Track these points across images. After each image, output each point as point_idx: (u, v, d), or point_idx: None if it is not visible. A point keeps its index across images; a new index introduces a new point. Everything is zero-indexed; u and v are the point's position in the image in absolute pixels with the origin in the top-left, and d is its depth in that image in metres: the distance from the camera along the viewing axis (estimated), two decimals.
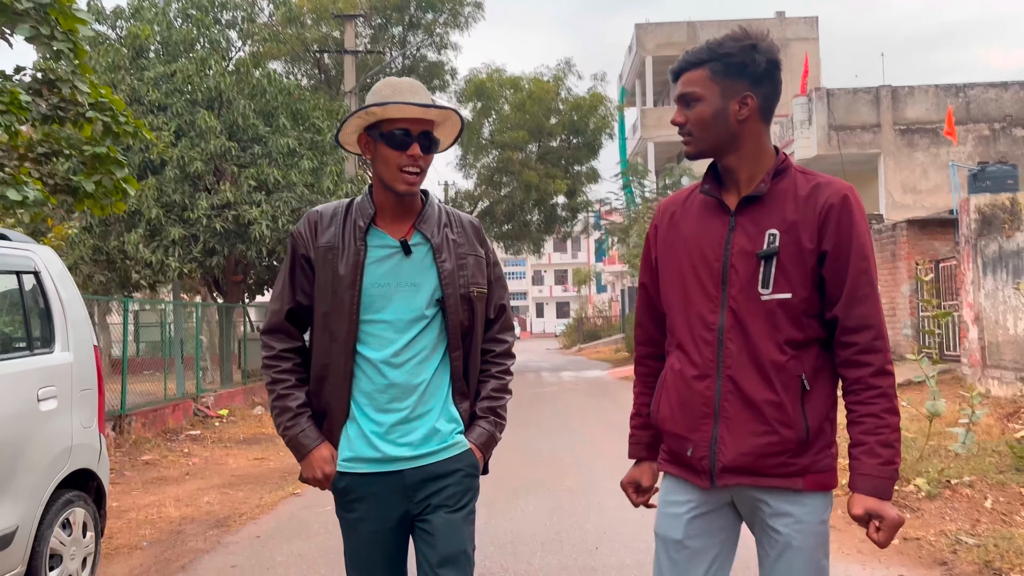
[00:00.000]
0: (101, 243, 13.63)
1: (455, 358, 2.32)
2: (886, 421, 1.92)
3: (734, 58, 1.99)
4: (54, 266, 4.52)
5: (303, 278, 2.31)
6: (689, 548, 2.10)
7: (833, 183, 2.03)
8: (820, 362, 2.00)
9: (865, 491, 1.93)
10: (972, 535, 4.87)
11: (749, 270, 1.99)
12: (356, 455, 2.26)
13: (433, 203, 2.40)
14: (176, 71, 13.87)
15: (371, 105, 2.24)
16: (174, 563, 5.15)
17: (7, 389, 3.92)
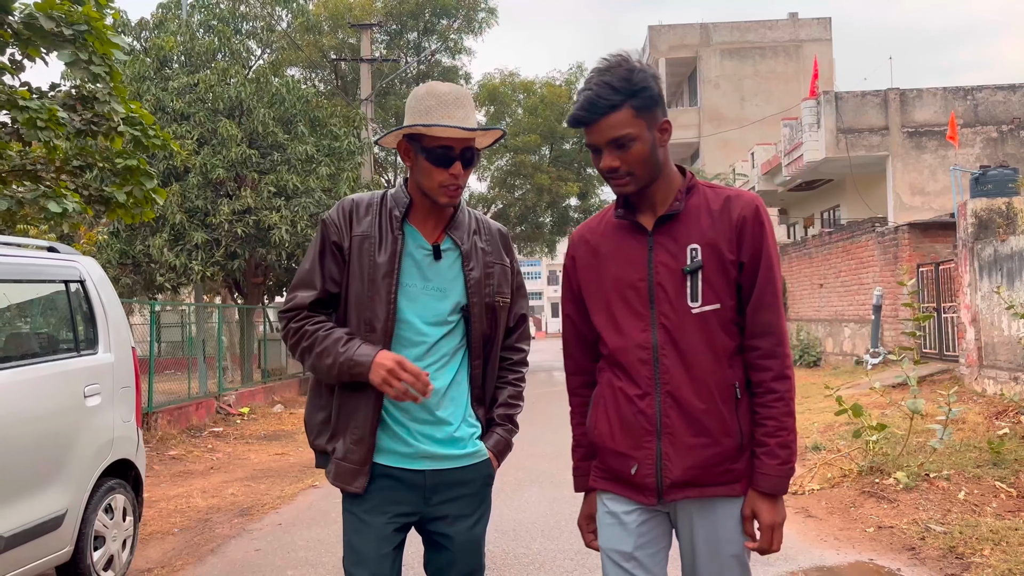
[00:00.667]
0: (127, 247, 14.15)
1: (475, 366, 2.33)
2: (784, 424, 2.01)
3: (648, 91, 1.99)
4: (96, 274, 4.98)
5: (333, 265, 2.27)
6: (638, 560, 2.11)
7: (743, 195, 2.08)
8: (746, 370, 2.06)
9: (764, 488, 2.01)
10: (942, 524, 5.23)
11: (676, 286, 2.03)
12: (384, 448, 2.26)
13: (464, 209, 2.40)
14: (199, 81, 14.36)
15: (418, 124, 2.21)
16: (203, 547, 5.59)
17: (58, 387, 4.37)
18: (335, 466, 2.26)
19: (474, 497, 2.31)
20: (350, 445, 2.24)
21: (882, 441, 6.75)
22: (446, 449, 2.26)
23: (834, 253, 16.94)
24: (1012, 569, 4.36)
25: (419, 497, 2.25)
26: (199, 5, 16.15)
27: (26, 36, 6.17)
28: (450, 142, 2.21)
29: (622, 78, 1.97)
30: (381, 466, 2.24)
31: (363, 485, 2.23)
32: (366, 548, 2.22)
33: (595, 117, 1.98)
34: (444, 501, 2.27)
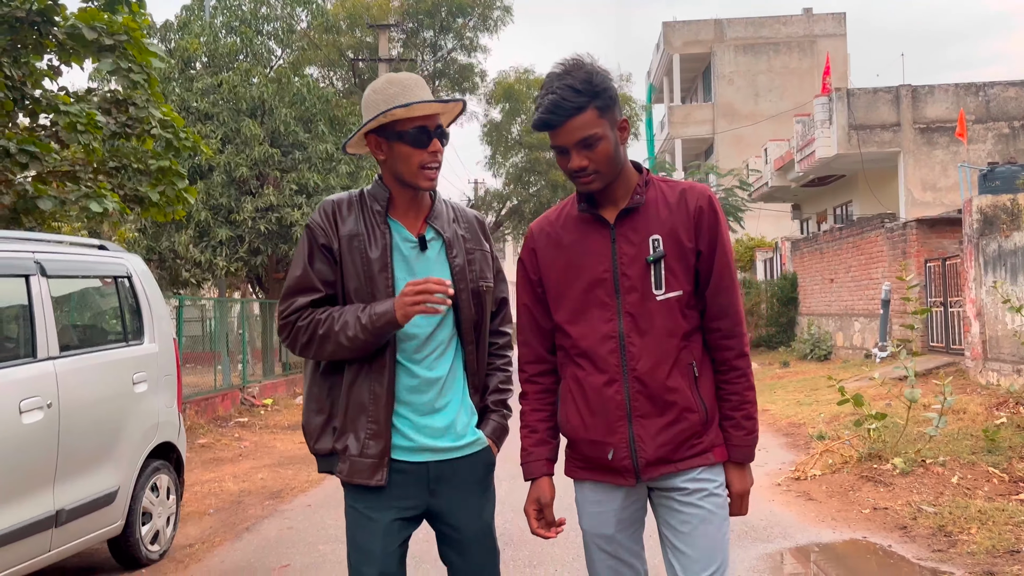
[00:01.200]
0: (154, 243, 14.59)
1: (468, 352, 2.37)
2: (746, 398, 2.18)
3: (609, 92, 2.09)
4: (141, 270, 5.35)
5: (324, 267, 2.28)
6: (619, 541, 2.21)
7: (695, 187, 2.20)
8: (703, 348, 2.20)
9: (735, 458, 2.17)
10: (933, 505, 5.53)
11: (640, 275, 2.13)
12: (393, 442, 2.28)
13: (440, 198, 2.44)
14: (222, 82, 14.77)
15: (395, 107, 2.22)
16: (239, 526, 5.98)
17: (111, 374, 4.75)
18: (350, 463, 2.24)
19: (477, 485, 2.34)
20: (366, 440, 2.24)
21: (882, 429, 7.04)
22: (445, 441, 2.30)
23: (844, 248, 17.17)
24: (996, 545, 4.66)
25: (424, 490, 2.28)
26: (221, 7, 16.56)
27: (70, 46, 6.56)
28: (424, 121, 2.25)
29: (583, 80, 2.05)
30: (393, 460, 2.26)
31: (384, 478, 2.23)
32: (373, 545, 2.22)
33: (561, 119, 2.05)
34: (449, 492, 2.30)
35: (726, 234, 2.18)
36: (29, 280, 4.18)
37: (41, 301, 4.21)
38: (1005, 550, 4.59)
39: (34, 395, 4.00)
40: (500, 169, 28.46)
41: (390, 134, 2.26)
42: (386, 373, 2.25)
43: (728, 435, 2.16)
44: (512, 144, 27.38)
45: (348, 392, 2.27)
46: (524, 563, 4.71)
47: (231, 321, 15.56)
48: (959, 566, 4.45)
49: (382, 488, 2.23)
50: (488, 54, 45.62)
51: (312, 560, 4.99)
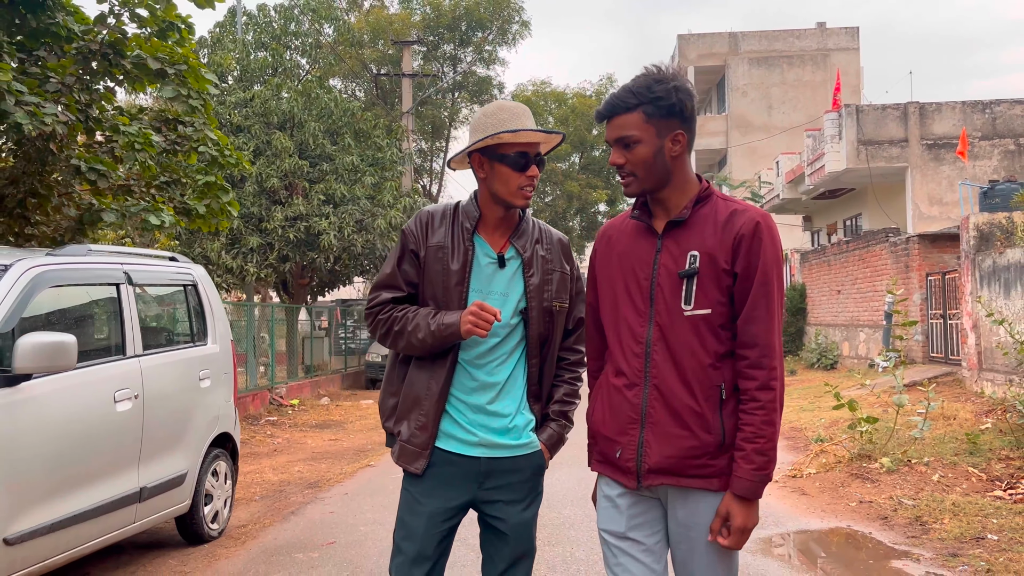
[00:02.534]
0: (187, 250, 15.29)
1: (532, 364, 2.52)
2: (762, 432, 2.08)
3: (664, 100, 2.12)
4: (205, 279, 6.01)
5: (410, 268, 2.50)
6: (631, 539, 2.23)
7: (748, 211, 2.15)
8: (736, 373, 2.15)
9: (737, 491, 2.09)
10: (913, 499, 6.11)
11: (673, 288, 2.15)
12: (445, 432, 2.47)
13: (528, 218, 2.59)
14: (254, 96, 15.49)
15: (503, 131, 2.40)
16: (284, 510, 6.62)
17: (182, 371, 5.41)
18: (399, 447, 2.49)
19: (525, 484, 2.50)
20: (414, 430, 2.46)
21: (873, 432, 7.61)
22: (502, 438, 2.46)
23: (850, 261, 17.71)
24: (964, 533, 5.24)
25: (473, 483, 2.46)
26: (253, 24, 17.30)
27: (135, 74, 7.24)
28: (527, 147, 2.43)
29: (643, 85, 2.14)
30: (441, 451, 2.46)
31: (422, 467, 2.44)
32: (416, 525, 2.43)
33: (608, 114, 2.18)
34: (497, 487, 2.47)
35: (770, 264, 2.13)
36: (120, 288, 4.84)
37: (129, 306, 4.87)
38: (971, 537, 5.17)
39: (125, 387, 4.65)
40: None
41: (493, 155, 2.44)
42: (444, 372, 2.45)
43: (737, 466, 2.10)
44: None
45: (409, 383, 2.50)
46: (543, 543, 5.30)
47: (256, 325, 16.24)
48: (928, 549, 5.03)
49: (430, 475, 2.44)
50: (506, 67, 46.20)
51: (354, 539, 5.61)
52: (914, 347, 14.44)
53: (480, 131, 2.47)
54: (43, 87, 6.23)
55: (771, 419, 2.09)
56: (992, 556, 4.77)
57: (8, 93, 5.57)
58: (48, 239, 7.27)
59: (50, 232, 7.44)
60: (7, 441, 3.73)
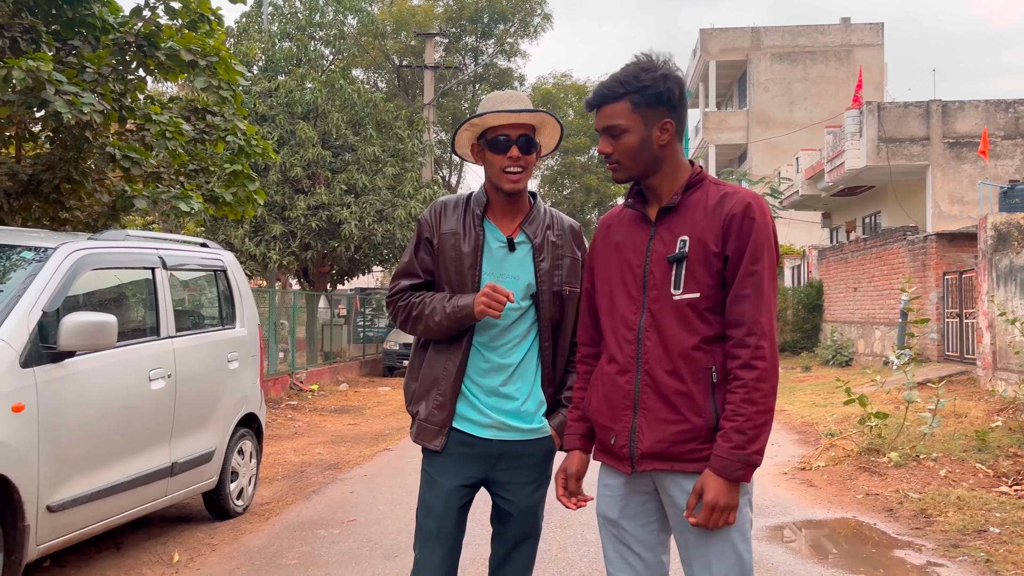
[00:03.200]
0: (212, 236, 15.57)
1: (544, 348, 2.59)
2: (741, 410, 2.06)
3: (651, 89, 2.14)
4: (234, 264, 6.23)
5: (427, 256, 2.61)
6: (624, 528, 2.26)
7: (739, 192, 2.17)
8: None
9: (712, 467, 2.08)
10: (919, 493, 6.24)
11: (664, 273, 2.17)
12: (461, 415, 2.57)
13: (539, 206, 2.65)
14: (278, 86, 15.72)
15: (472, 117, 2.55)
16: (306, 489, 6.84)
17: (212, 353, 5.62)
18: (418, 426, 2.60)
19: (534, 468, 2.59)
20: (432, 409, 2.57)
21: (883, 428, 7.72)
22: (514, 421, 2.55)
23: (868, 259, 17.75)
24: (966, 526, 5.38)
25: (486, 463, 2.56)
26: (278, 14, 17.52)
27: (168, 66, 7.46)
28: (506, 129, 2.51)
29: (630, 74, 2.15)
30: (457, 431, 2.56)
31: (441, 444, 2.55)
32: (436, 503, 2.55)
33: (596, 103, 2.21)
34: (507, 468, 2.57)
35: (761, 243, 2.13)
36: (155, 272, 5.06)
37: (163, 289, 5.09)
38: (974, 529, 5.30)
39: (159, 367, 4.87)
40: (535, 171, 29.30)
41: (483, 141, 2.57)
42: (460, 354, 2.55)
43: (716, 444, 2.10)
44: None
45: (428, 366, 2.61)
46: (555, 525, 5.48)
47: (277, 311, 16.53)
48: (931, 540, 5.18)
49: (447, 454, 2.55)
50: (527, 59, 46.26)
51: (374, 517, 5.82)
52: (929, 346, 14.48)
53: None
54: (80, 77, 6.45)
55: (751, 398, 2.06)
56: (992, 548, 4.91)
57: (48, 83, 5.78)
58: (82, 224, 7.51)
59: (83, 217, 7.69)
60: (52, 414, 3.96)
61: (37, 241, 4.45)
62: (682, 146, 2.24)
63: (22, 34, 6.59)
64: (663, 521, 2.26)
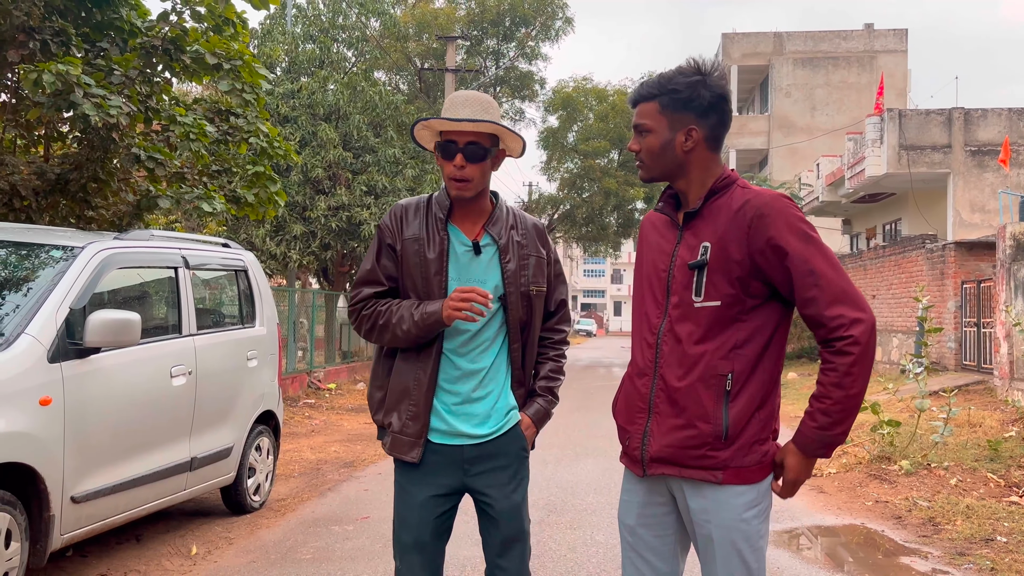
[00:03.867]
0: (233, 236, 15.78)
1: (514, 349, 2.57)
2: (830, 393, 2.04)
3: (680, 93, 2.14)
4: (254, 264, 6.36)
5: (389, 263, 2.55)
6: (640, 536, 2.26)
7: (761, 195, 2.13)
8: (756, 363, 2.13)
9: (797, 445, 2.11)
10: (928, 501, 6.26)
11: (686, 279, 2.16)
12: (432, 425, 2.53)
13: (502, 206, 2.61)
14: (301, 88, 15.91)
15: (426, 118, 2.52)
16: (322, 486, 6.97)
17: (232, 350, 5.76)
18: (392, 438, 2.54)
19: (509, 468, 2.55)
20: (406, 420, 2.51)
21: (895, 435, 7.74)
22: (482, 429, 2.53)
23: (886, 266, 17.68)
24: (974, 534, 5.41)
25: (459, 469, 2.52)
26: (302, 16, 17.72)
27: (194, 69, 7.62)
28: (452, 135, 2.46)
29: (667, 77, 2.17)
30: (429, 442, 2.52)
31: (418, 455, 2.49)
32: (409, 514, 2.51)
33: (633, 101, 2.25)
34: (482, 472, 2.53)
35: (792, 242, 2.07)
36: (177, 271, 5.20)
37: (186, 288, 5.22)
38: (981, 538, 5.33)
39: (180, 363, 5.00)
40: (555, 174, 29.38)
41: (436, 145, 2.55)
42: (431, 363, 2.50)
43: (801, 423, 2.12)
44: (567, 151, 28.25)
45: (397, 375, 2.54)
46: (565, 526, 5.57)
47: (296, 310, 16.72)
48: (938, 548, 5.21)
49: (418, 465, 2.50)
50: (548, 62, 46.01)
51: (387, 514, 5.91)
52: (947, 355, 14.43)
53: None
54: (108, 79, 6.61)
55: (841, 383, 2.02)
56: (999, 556, 4.94)
57: (77, 86, 5.95)
58: (107, 222, 7.68)
59: (109, 216, 7.86)
60: (77, 408, 4.09)
61: (65, 240, 4.60)
62: (718, 155, 2.21)
63: (52, 37, 6.76)
64: (682, 531, 2.26)
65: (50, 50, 6.79)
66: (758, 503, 2.15)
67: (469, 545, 4.81)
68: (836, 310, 2.04)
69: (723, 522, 2.12)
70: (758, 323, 2.13)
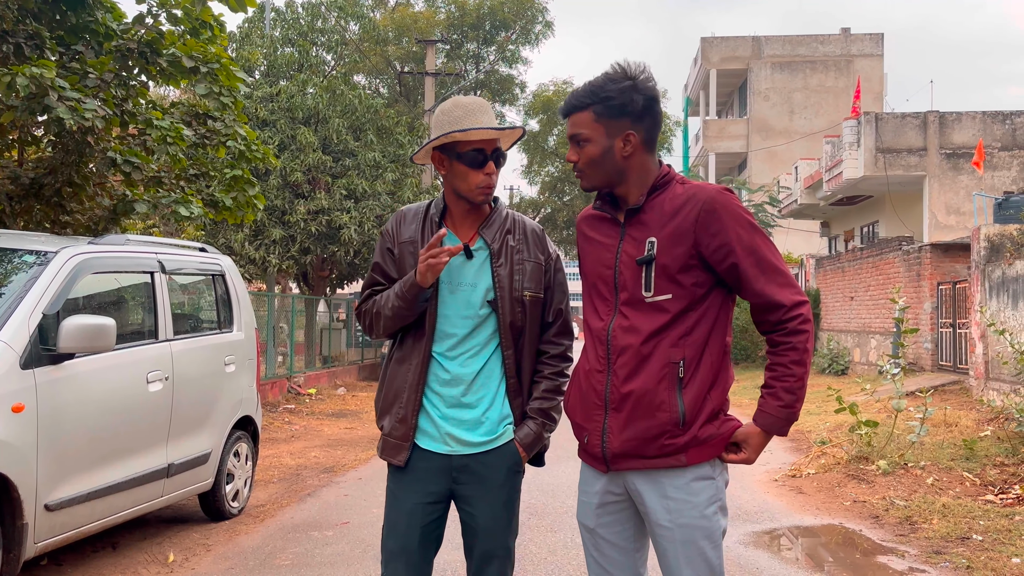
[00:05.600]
0: (211, 240, 15.66)
1: (507, 356, 2.51)
2: (792, 371, 2.13)
3: (614, 100, 2.14)
4: (232, 269, 6.32)
5: (390, 266, 2.58)
6: (600, 535, 2.27)
7: (704, 189, 2.16)
8: (704, 346, 2.17)
9: (760, 424, 2.16)
10: (905, 501, 6.32)
11: (634, 275, 2.17)
12: (421, 430, 2.51)
13: (500, 209, 2.59)
14: (280, 91, 15.84)
15: (454, 131, 2.43)
16: (301, 492, 6.92)
17: (209, 356, 5.71)
18: (383, 441, 2.55)
19: (499, 483, 2.49)
20: (395, 423, 2.51)
21: (873, 436, 7.81)
22: (471, 435, 2.48)
23: (864, 268, 17.84)
24: (950, 533, 5.46)
25: (448, 477, 2.48)
26: (280, 20, 17.65)
27: (170, 72, 7.56)
28: (481, 144, 2.45)
29: (597, 84, 2.17)
30: (418, 447, 2.50)
31: (405, 459, 2.48)
32: (398, 520, 2.49)
33: (565, 112, 2.25)
34: (469, 483, 2.48)
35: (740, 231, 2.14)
36: (154, 276, 5.15)
37: (162, 293, 5.18)
38: (957, 536, 5.38)
39: (157, 369, 4.96)
40: (535, 178, 29.43)
41: (451, 153, 2.48)
42: (419, 364, 2.49)
43: (763, 401, 2.18)
44: (548, 154, 28.30)
45: (391, 379, 2.56)
46: (546, 529, 5.57)
47: (276, 314, 16.63)
48: (914, 546, 5.26)
49: (407, 470, 2.49)
50: (528, 66, 46.15)
51: (368, 519, 5.91)
52: (924, 355, 14.57)
53: (437, 129, 2.50)
54: (83, 83, 6.55)
55: (802, 360, 2.13)
56: (974, 555, 4.99)
57: (51, 89, 5.88)
58: (82, 227, 7.61)
59: (84, 221, 7.78)
60: (51, 414, 4.05)
61: (38, 245, 4.55)
62: (653, 155, 2.25)
63: (26, 40, 6.69)
64: (640, 527, 2.27)
65: (24, 53, 6.72)
66: (718, 499, 2.20)
67: (450, 549, 4.79)
68: (787, 293, 2.15)
69: (684, 520, 2.15)
70: (704, 309, 2.18)
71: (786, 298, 2.14)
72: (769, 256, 2.16)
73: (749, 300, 2.18)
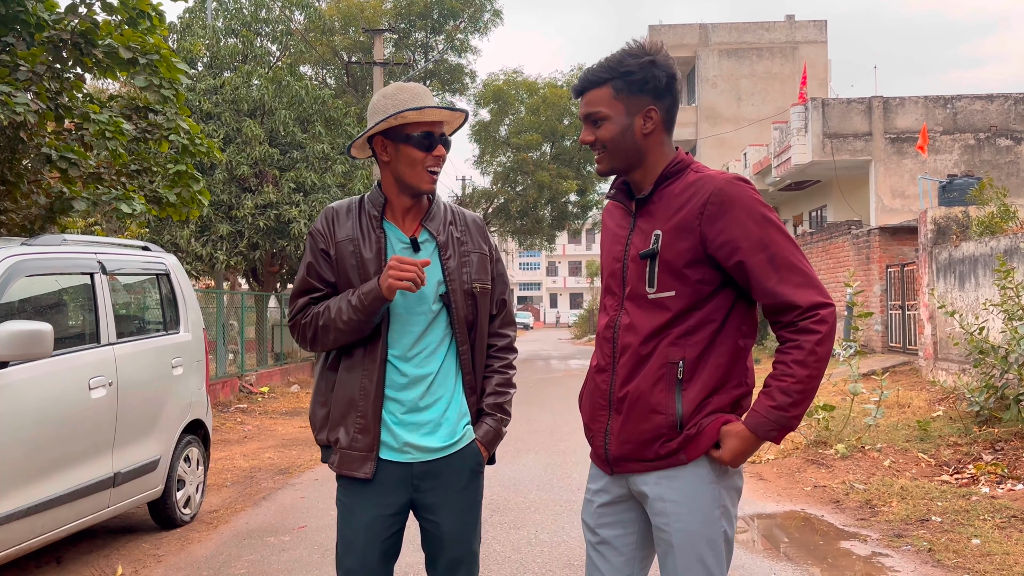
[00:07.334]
0: (156, 237, 15.23)
1: (463, 352, 2.41)
2: (791, 370, 1.94)
3: (635, 75, 2.03)
4: (177, 268, 6.09)
5: (324, 269, 2.39)
6: (601, 536, 2.18)
7: (713, 179, 2.01)
8: (708, 348, 2.03)
9: (747, 424, 1.98)
10: (864, 484, 6.37)
11: (639, 269, 2.06)
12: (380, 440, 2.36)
13: (439, 202, 2.49)
14: (224, 83, 15.43)
15: (407, 110, 2.31)
16: (255, 495, 6.73)
17: (155, 359, 5.49)
18: (340, 455, 2.35)
19: (462, 487, 2.39)
20: (355, 434, 2.34)
21: (830, 420, 7.88)
22: (431, 440, 2.36)
23: (814, 252, 18.08)
24: (910, 515, 5.50)
25: (408, 486, 2.35)
26: (223, 10, 17.20)
27: (106, 64, 7.26)
28: (431, 126, 2.35)
29: (615, 60, 2.05)
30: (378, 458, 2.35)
31: (371, 470, 2.32)
32: (355, 537, 2.34)
33: (580, 90, 2.11)
34: (432, 490, 2.37)
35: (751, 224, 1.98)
36: (94, 277, 4.92)
37: (103, 295, 4.95)
38: (917, 519, 5.43)
39: (100, 375, 4.74)
40: (488, 168, 29.27)
41: (398, 136, 2.34)
42: (376, 370, 2.34)
43: (756, 401, 2.02)
44: (500, 144, 28.16)
45: (340, 388, 2.37)
46: (509, 526, 5.48)
47: (225, 312, 16.26)
48: (875, 530, 5.29)
49: (368, 482, 2.33)
50: (478, 55, 45.98)
51: (325, 523, 5.75)
52: (874, 337, 14.82)
53: (381, 112, 2.36)
54: (13, 75, 6.25)
55: (805, 361, 1.94)
56: (935, 536, 5.03)
57: None
58: (17, 227, 7.28)
59: (19, 220, 7.45)
60: None
61: None
62: (671, 137, 2.11)
63: None
64: (646, 534, 2.17)
65: None
66: (721, 504, 2.06)
67: (411, 551, 4.67)
68: (805, 294, 1.96)
69: (682, 525, 2.05)
70: (711, 308, 2.04)
71: (802, 299, 1.95)
72: (785, 253, 1.98)
73: (760, 301, 2.02)
